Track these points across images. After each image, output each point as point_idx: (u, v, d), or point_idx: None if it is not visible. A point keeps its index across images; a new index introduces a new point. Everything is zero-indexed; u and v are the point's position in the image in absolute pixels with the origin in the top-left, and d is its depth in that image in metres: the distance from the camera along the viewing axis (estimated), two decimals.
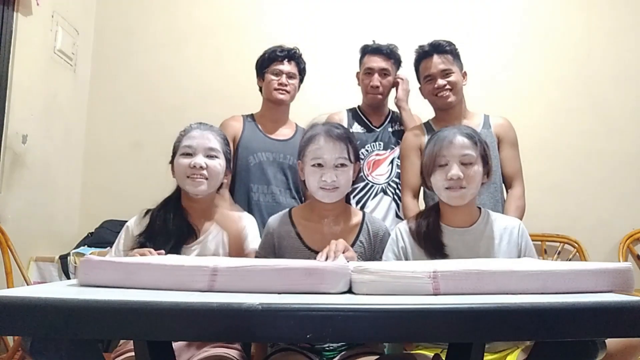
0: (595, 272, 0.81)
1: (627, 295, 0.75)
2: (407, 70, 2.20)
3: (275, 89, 2.11)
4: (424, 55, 1.98)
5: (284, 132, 2.18)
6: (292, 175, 2.11)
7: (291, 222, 1.50)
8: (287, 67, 2.13)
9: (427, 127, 2.01)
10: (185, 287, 0.84)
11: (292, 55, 2.15)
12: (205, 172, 1.45)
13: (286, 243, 1.47)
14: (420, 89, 2.05)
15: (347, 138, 1.45)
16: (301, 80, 2.21)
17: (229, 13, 3.12)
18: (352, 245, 1.44)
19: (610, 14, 3.02)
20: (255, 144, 2.11)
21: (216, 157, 1.49)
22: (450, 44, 1.97)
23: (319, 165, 1.42)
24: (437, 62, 1.94)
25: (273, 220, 1.53)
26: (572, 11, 3.05)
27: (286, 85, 2.11)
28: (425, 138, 1.94)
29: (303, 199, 2.08)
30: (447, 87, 1.93)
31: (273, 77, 2.12)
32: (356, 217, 1.53)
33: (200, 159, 1.45)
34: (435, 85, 1.93)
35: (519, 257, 1.40)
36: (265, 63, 2.14)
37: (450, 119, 1.93)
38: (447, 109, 1.96)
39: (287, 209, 1.56)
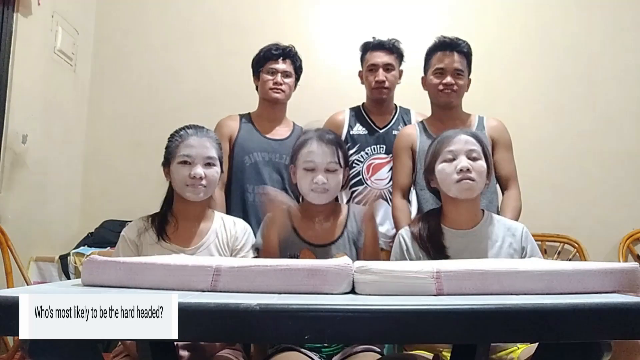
0: (602, 272, 0.80)
1: (633, 295, 0.74)
2: (408, 67, 2.19)
3: (270, 88, 2.08)
4: (443, 47, 1.92)
5: (281, 132, 2.15)
6: (287, 176, 2.08)
7: (289, 216, 1.60)
8: (282, 65, 2.09)
9: (421, 126, 1.98)
10: (188, 287, 0.84)
11: (287, 54, 2.11)
12: (204, 181, 1.49)
13: (283, 233, 1.56)
14: (422, 79, 2.01)
15: (338, 143, 1.57)
16: (297, 79, 2.18)
17: (230, 13, 3.11)
18: (340, 236, 1.56)
19: (610, 13, 3.02)
20: (251, 143, 2.09)
21: (213, 165, 1.53)
22: (469, 47, 1.94)
23: (311, 168, 1.52)
24: (456, 59, 1.89)
25: None
26: (572, 11, 3.05)
27: (281, 84, 2.08)
28: (418, 138, 1.93)
29: (300, 199, 2.08)
30: (454, 88, 1.89)
31: (268, 77, 2.09)
32: (343, 212, 1.63)
33: (199, 170, 1.48)
34: (444, 81, 1.89)
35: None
36: (261, 62, 2.11)
37: (447, 120, 1.91)
38: (445, 109, 1.95)
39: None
